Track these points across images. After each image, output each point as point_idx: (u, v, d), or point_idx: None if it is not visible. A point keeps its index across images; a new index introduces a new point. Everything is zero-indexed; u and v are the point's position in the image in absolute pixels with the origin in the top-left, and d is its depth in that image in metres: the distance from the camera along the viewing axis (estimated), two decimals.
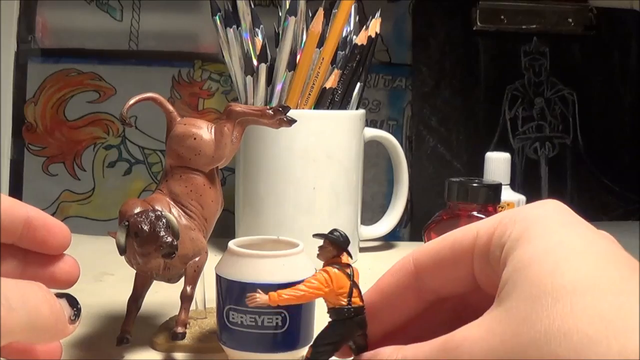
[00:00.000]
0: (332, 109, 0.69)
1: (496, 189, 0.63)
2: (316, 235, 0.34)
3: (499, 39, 0.90)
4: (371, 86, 0.88)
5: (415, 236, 0.86)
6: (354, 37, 0.70)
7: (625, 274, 0.25)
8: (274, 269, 0.41)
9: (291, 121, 0.46)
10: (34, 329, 0.28)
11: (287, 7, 0.67)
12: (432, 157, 0.88)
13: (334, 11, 0.69)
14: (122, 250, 0.40)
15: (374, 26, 0.70)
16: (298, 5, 0.67)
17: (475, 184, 0.62)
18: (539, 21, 0.90)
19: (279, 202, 0.68)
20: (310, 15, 0.69)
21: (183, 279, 0.45)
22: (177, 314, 0.45)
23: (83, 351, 0.45)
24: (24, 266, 0.34)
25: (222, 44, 0.68)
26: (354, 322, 0.32)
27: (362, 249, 0.74)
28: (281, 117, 0.46)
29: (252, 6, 0.68)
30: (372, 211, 0.85)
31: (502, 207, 0.68)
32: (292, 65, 0.67)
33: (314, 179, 0.68)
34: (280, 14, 0.70)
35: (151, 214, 0.40)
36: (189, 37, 0.85)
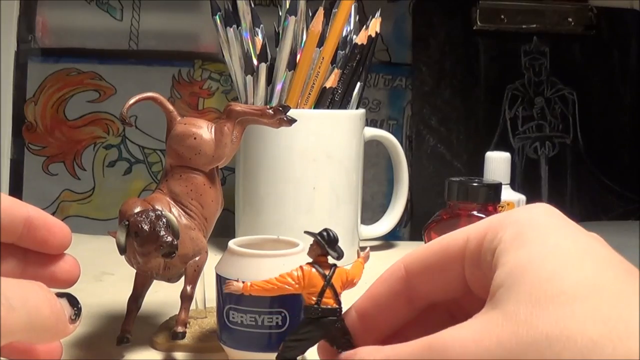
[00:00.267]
0: (332, 108, 0.69)
1: (496, 188, 0.63)
2: (306, 233, 0.34)
3: (499, 38, 0.90)
4: (371, 86, 0.88)
5: (415, 236, 0.86)
6: (354, 36, 0.70)
7: (623, 277, 0.25)
8: (274, 269, 0.41)
9: (291, 121, 0.46)
10: (34, 328, 0.28)
11: (287, 6, 0.67)
12: (432, 156, 0.88)
13: (334, 11, 0.69)
14: (122, 250, 0.40)
15: (374, 26, 0.70)
16: (298, 4, 0.67)
17: (475, 184, 0.62)
18: (539, 21, 0.90)
19: (279, 202, 0.68)
20: (310, 14, 0.69)
21: (183, 278, 0.45)
22: (177, 313, 0.45)
23: (83, 351, 0.45)
24: (24, 266, 0.34)
25: (222, 43, 0.68)
26: (320, 324, 0.32)
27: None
28: (281, 116, 0.46)
29: (252, 6, 0.68)
30: (372, 211, 0.85)
31: (502, 207, 0.68)
32: (292, 65, 0.67)
33: (314, 179, 0.68)
34: (280, 13, 0.70)
35: (151, 214, 0.40)
36: (189, 37, 0.85)
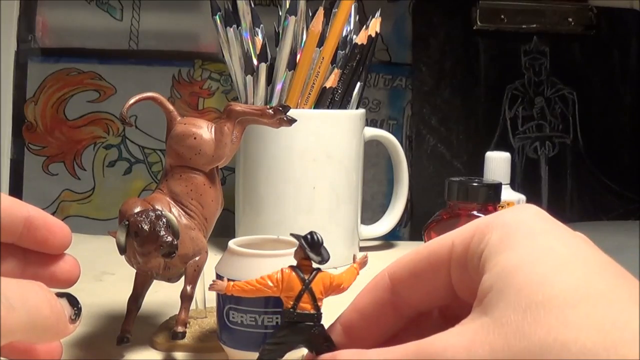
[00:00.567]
0: (332, 108, 0.69)
1: (496, 188, 0.63)
2: (291, 235, 0.34)
3: (499, 38, 0.90)
4: (371, 85, 0.88)
5: (415, 236, 0.86)
6: (354, 36, 0.70)
7: (614, 280, 0.25)
8: (274, 269, 0.41)
9: (291, 120, 0.46)
10: (34, 328, 0.28)
11: (287, 6, 0.67)
12: (432, 156, 0.88)
13: (334, 11, 0.69)
14: (122, 250, 0.40)
15: (374, 26, 0.70)
16: (298, 4, 0.67)
17: (475, 184, 0.62)
18: (539, 21, 0.90)
19: (279, 201, 0.68)
20: (310, 14, 0.69)
21: (183, 278, 0.45)
22: (177, 313, 0.45)
23: (83, 351, 0.45)
24: (24, 266, 0.34)
25: (222, 43, 0.68)
26: (296, 328, 0.32)
27: (362, 249, 0.74)
28: (281, 116, 0.46)
29: (252, 5, 0.68)
30: (372, 211, 0.85)
31: (502, 207, 0.68)
32: (292, 65, 0.67)
33: (314, 179, 0.68)
34: (280, 13, 0.70)
35: (151, 214, 0.40)
36: (189, 37, 0.85)
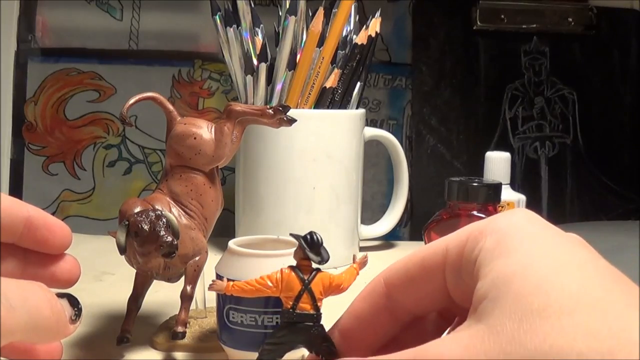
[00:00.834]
0: (332, 108, 0.69)
1: (496, 188, 0.63)
2: (291, 235, 0.34)
3: (499, 38, 0.90)
4: (371, 85, 0.88)
5: (415, 236, 0.86)
6: (354, 36, 0.70)
7: (609, 285, 0.25)
8: (274, 269, 0.41)
9: (291, 120, 0.46)
10: (34, 328, 0.28)
11: (287, 6, 0.67)
12: (432, 156, 0.88)
13: (334, 11, 0.69)
14: (122, 250, 0.40)
15: (374, 26, 0.70)
16: (298, 4, 0.67)
17: (475, 184, 0.62)
18: (539, 21, 0.90)
19: (279, 201, 0.68)
20: (310, 14, 0.69)
21: (183, 278, 0.45)
22: (177, 313, 0.45)
23: (83, 351, 0.45)
24: (24, 266, 0.34)
25: (222, 43, 0.68)
26: (295, 328, 0.32)
27: (362, 249, 0.74)
28: (281, 116, 0.46)
29: (252, 5, 0.68)
30: (372, 211, 0.85)
31: (502, 207, 0.68)
32: (292, 65, 0.67)
33: (314, 179, 0.68)
34: (280, 13, 0.70)
35: (151, 214, 0.40)
36: (189, 37, 0.85)
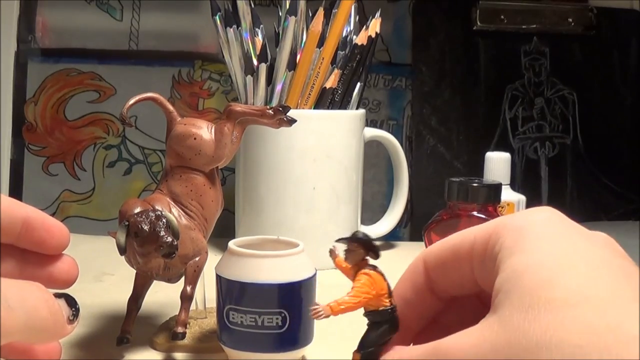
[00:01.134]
0: (332, 108, 0.69)
1: (496, 189, 0.63)
2: (341, 240, 0.33)
3: (499, 39, 0.90)
4: (371, 86, 0.88)
5: (415, 236, 0.86)
6: (354, 37, 0.70)
7: (617, 283, 0.25)
8: (274, 269, 0.41)
9: (291, 121, 0.46)
10: (32, 329, 0.28)
11: (287, 7, 0.67)
12: (432, 157, 0.88)
13: (334, 11, 0.69)
14: (122, 250, 0.40)
15: (374, 26, 0.70)
16: (298, 5, 0.67)
17: (475, 184, 0.62)
18: (539, 21, 0.90)
19: (279, 202, 0.68)
20: (310, 15, 0.69)
21: (183, 279, 0.45)
22: (177, 313, 0.45)
23: (83, 351, 0.45)
24: (22, 266, 0.34)
25: (222, 43, 0.68)
26: (394, 322, 0.32)
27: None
28: (281, 116, 0.46)
29: (252, 6, 0.68)
30: (372, 211, 0.85)
31: (502, 207, 0.68)
32: (292, 65, 0.67)
33: (314, 179, 0.68)
34: (280, 13, 0.70)
35: (151, 214, 0.40)
36: (189, 37, 0.85)
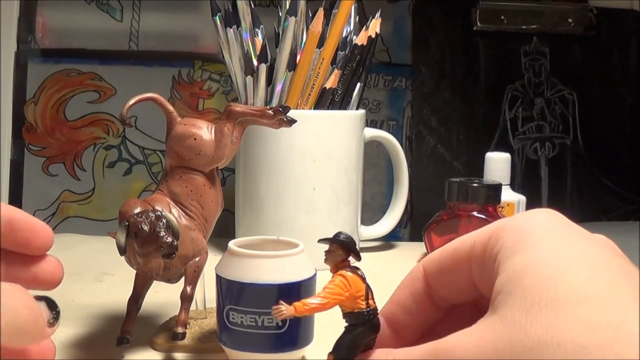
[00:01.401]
0: (332, 109, 0.69)
1: (496, 189, 0.63)
2: (322, 240, 0.33)
3: (499, 39, 0.90)
4: (371, 86, 0.88)
5: (415, 236, 0.86)
6: (354, 37, 0.70)
7: (618, 282, 0.25)
8: (274, 269, 0.41)
9: (291, 121, 0.46)
10: (11, 331, 0.28)
11: (287, 7, 0.67)
12: (432, 157, 0.88)
13: (334, 11, 0.69)
14: (122, 251, 0.40)
15: (374, 26, 0.70)
16: (298, 5, 0.67)
17: (475, 184, 0.63)
18: (539, 21, 0.90)
19: (279, 202, 0.68)
20: (310, 15, 0.69)
21: (183, 279, 0.45)
22: (177, 314, 0.45)
23: (83, 351, 0.45)
24: (6, 267, 0.34)
25: (222, 44, 0.68)
26: (371, 325, 0.32)
27: (362, 249, 0.74)
28: (281, 117, 0.46)
29: (252, 6, 0.69)
30: (372, 211, 0.85)
31: (502, 208, 0.68)
32: (292, 66, 0.67)
33: (314, 179, 0.68)
34: (280, 14, 0.70)
35: (151, 214, 0.40)
36: (189, 37, 0.85)
